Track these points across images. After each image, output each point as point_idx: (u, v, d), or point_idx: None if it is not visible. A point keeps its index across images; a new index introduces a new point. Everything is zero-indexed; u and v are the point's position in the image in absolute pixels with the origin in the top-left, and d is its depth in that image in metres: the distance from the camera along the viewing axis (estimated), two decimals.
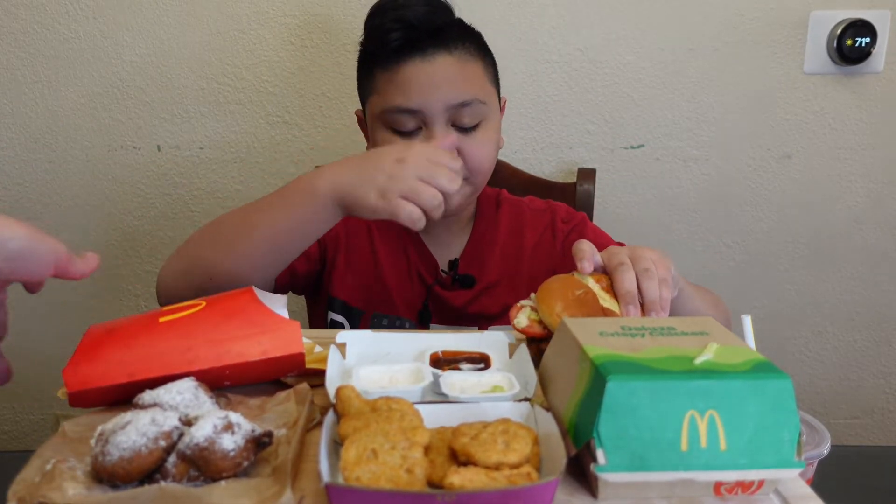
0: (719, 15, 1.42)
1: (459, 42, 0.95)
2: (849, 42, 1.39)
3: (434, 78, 0.92)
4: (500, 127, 1.01)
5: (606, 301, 0.71)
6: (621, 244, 1.07)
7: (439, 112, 0.93)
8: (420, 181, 0.75)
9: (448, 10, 0.97)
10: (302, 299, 1.15)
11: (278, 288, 1.06)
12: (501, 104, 1.04)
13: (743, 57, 1.44)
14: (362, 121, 1.06)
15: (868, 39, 1.39)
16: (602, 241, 1.05)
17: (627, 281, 0.71)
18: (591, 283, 0.72)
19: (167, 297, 0.88)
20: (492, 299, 1.02)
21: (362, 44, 1.00)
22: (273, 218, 0.82)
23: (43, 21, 1.37)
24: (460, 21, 0.99)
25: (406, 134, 0.94)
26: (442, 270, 1.03)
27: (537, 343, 0.71)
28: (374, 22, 0.96)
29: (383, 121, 0.95)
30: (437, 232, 1.04)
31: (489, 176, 1.01)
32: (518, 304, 0.74)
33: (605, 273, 0.74)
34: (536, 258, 1.04)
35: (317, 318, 1.08)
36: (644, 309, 0.71)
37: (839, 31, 1.39)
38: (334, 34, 1.41)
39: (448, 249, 1.05)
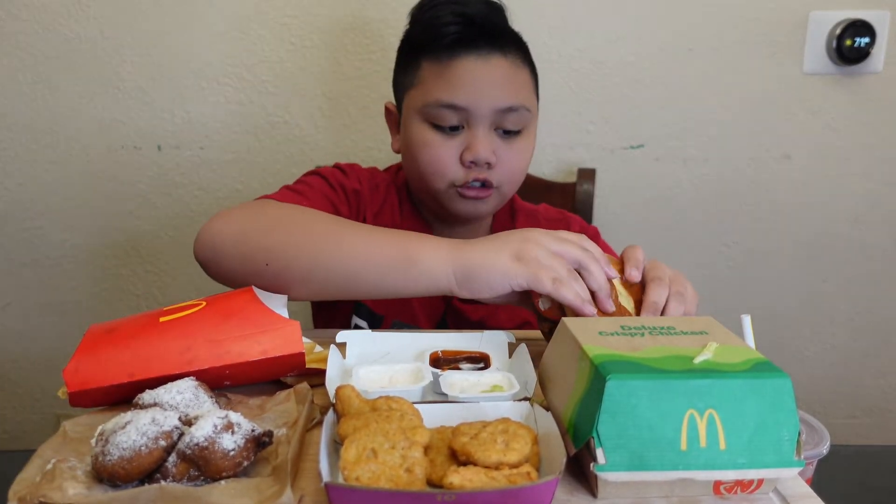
0: (719, 15, 1.42)
1: (513, 47, 0.94)
2: (848, 42, 1.39)
3: (487, 78, 0.91)
4: (536, 140, 1.00)
5: (623, 297, 0.72)
6: None
7: (486, 113, 0.91)
8: (554, 254, 0.70)
9: (504, 14, 0.97)
10: None
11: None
12: None
13: (743, 57, 1.44)
14: (392, 114, 1.04)
15: (867, 39, 1.39)
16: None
17: (659, 295, 0.70)
18: (615, 276, 0.73)
19: (212, 256, 0.81)
20: (508, 314, 1.01)
21: (408, 34, 0.98)
22: (377, 280, 0.74)
23: (44, 21, 1.37)
24: (513, 31, 0.98)
25: (446, 130, 0.92)
26: None
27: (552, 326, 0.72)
28: (427, 13, 0.94)
29: (424, 115, 0.93)
30: None
31: (518, 187, 1.00)
32: None
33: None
34: None
35: (325, 318, 1.07)
36: None
37: (838, 31, 1.39)
38: (334, 34, 1.41)
39: None
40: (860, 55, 1.40)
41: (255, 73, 1.41)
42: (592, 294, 0.70)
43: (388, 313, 1.01)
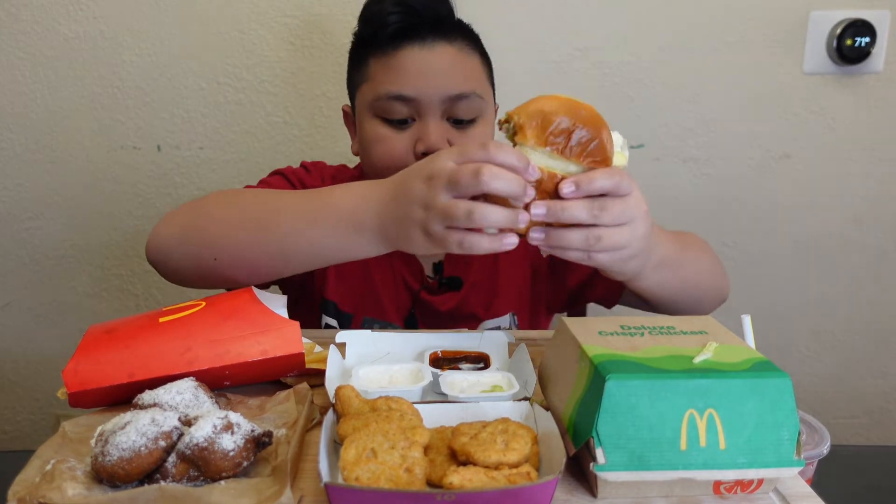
0: (719, 15, 1.42)
1: (459, 35, 0.93)
2: (848, 42, 1.39)
3: (433, 66, 0.89)
4: (495, 129, 0.98)
5: (556, 163, 0.62)
6: None
7: (435, 102, 0.89)
8: (454, 199, 0.62)
9: (448, 3, 0.95)
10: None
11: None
12: (495, 109, 1.00)
13: (743, 57, 1.44)
14: (349, 116, 1.03)
15: (868, 39, 1.39)
16: None
17: (574, 211, 0.61)
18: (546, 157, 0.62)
19: (161, 259, 0.83)
20: (476, 299, 1.00)
21: (357, 34, 0.98)
22: (309, 236, 0.73)
23: (44, 21, 1.37)
24: (460, 20, 0.97)
25: (397, 123, 0.91)
26: (428, 276, 1.01)
27: None
28: (372, 9, 0.94)
29: (374, 109, 0.92)
30: None
31: None
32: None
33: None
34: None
35: (299, 319, 1.06)
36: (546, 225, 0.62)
37: (839, 30, 1.39)
38: (334, 34, 1.41)
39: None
40: (860, 55, 1.40)
41: (255, 73, 1.41)
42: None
43: (356, 311, 1.00)
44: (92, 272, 1.50)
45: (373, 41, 0.92)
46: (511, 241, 0.62)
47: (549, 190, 0.62)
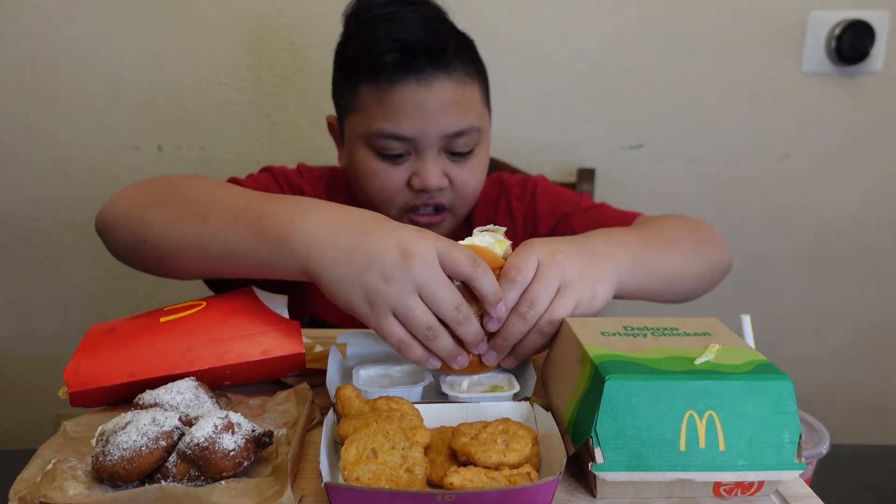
0: (719, 15, 1.42)
1: (458, 62, 0.88)
2: (847, 42, 1.39)
3: (431, 105, 0.86)
4: (490, 147, 0.96)
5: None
6: (592, 205, 1.01)
7: (434, 141, 0.88)
8: (419, 297, 0.59)
9: (444, 23, 0.90)
10: None
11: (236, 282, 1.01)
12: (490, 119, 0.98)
13: (742, 57, 1.44)
14: (334, 128, 1.00)
15: (866, 40, 1.39)
16: (559, 199, 1.01)
17: (514, 330, 0.61)
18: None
19: (102, 227, 0.80)
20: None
21: (343, 51, 0.93)
22: (226, 237, 0.66)
23: (43, 21, 1.37)
24: (453, 29, 0.92)
25: (392, 157, 0.89)
26: None
27: None
28: (362, 30, 0.89)
29: (367, 142, 0.89)
30: None
31: (472, 205, 0.97)
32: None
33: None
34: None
35: None
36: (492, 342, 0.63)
37: (838, 31, 1.39)
38: (334, 34, 1.40)
39: None
40: (859, 55, 1.40)
41: (255, 73, 1.41)
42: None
43: (354, 326, 0.97)
44: (92, 272, 1.50)
45: (364, 70, 0.88)
46: (434, 364, 0.62)
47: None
